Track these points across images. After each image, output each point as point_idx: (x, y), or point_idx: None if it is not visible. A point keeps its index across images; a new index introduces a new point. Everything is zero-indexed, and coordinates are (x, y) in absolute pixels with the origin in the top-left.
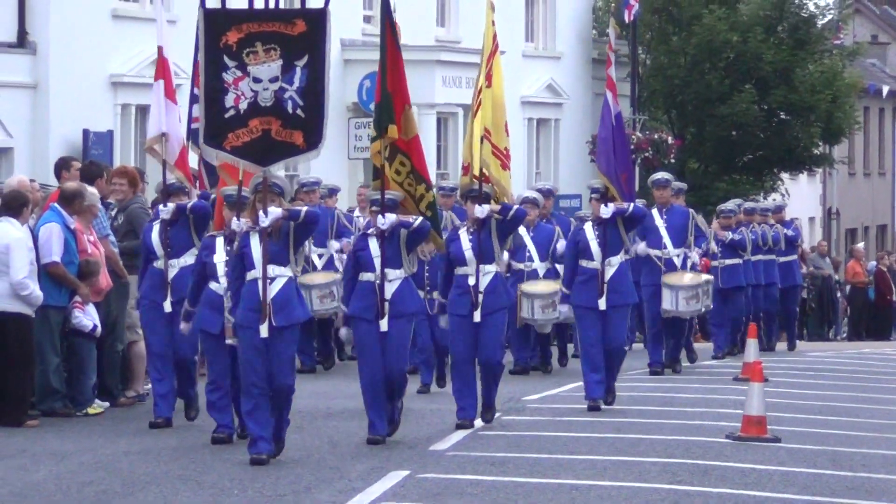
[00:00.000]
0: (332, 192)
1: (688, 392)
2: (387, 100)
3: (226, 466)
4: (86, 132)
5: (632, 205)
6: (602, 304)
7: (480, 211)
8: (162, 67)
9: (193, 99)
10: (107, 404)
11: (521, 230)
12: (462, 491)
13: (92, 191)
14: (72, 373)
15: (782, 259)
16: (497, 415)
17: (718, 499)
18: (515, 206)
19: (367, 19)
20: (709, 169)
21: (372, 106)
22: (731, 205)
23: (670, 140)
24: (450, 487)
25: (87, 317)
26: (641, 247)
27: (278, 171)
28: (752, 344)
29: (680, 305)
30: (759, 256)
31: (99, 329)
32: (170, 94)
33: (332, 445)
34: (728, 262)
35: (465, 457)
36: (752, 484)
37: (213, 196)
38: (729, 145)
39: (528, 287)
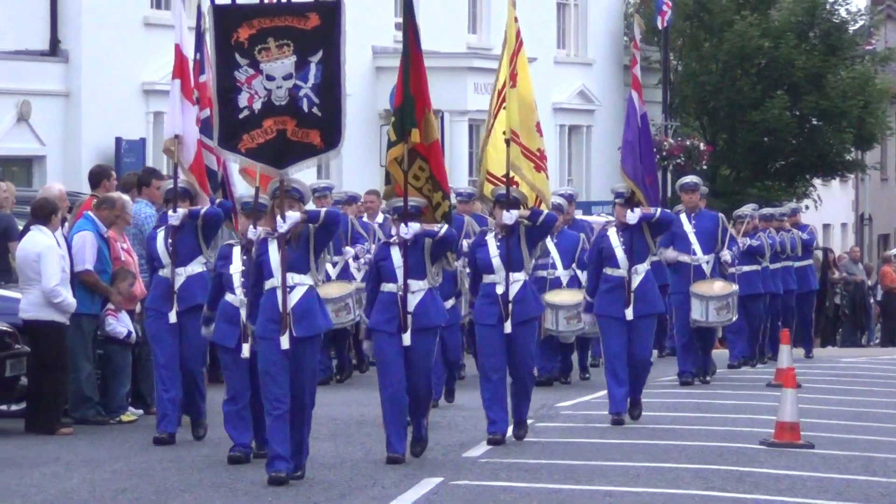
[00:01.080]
0: (352, 199)
1: (721, 398)
2: (409, 103)
3: (259, 474)
4: (118, 140)
5: (659, 209)
6: (629, 313)
7: (508, 217)
8: (179, 66)
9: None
10: (140, 412)
11: None
12: (495, 498)
13: (125, 199)
14: (105, 380)
15: (798, 264)
16: (530, 421)
17: None
18: (546, 212)
19: (398, 26)
20: (741, 175)
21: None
22: (746, 209)
23: (702, 146)
24: (483, 494)
25: (121, 324)
26: (671, 253)
27: (295, 173)
28: (785, 350)
29: (710, 316)
30: (778, 264)
31: (134, 336)
32: (187, 94)
33: (365, 452)
34: (746, 268)
35: (498, 463)
36: (785, 490)
37: (217, 202)
38: (761, 151)
39: (552, 297)
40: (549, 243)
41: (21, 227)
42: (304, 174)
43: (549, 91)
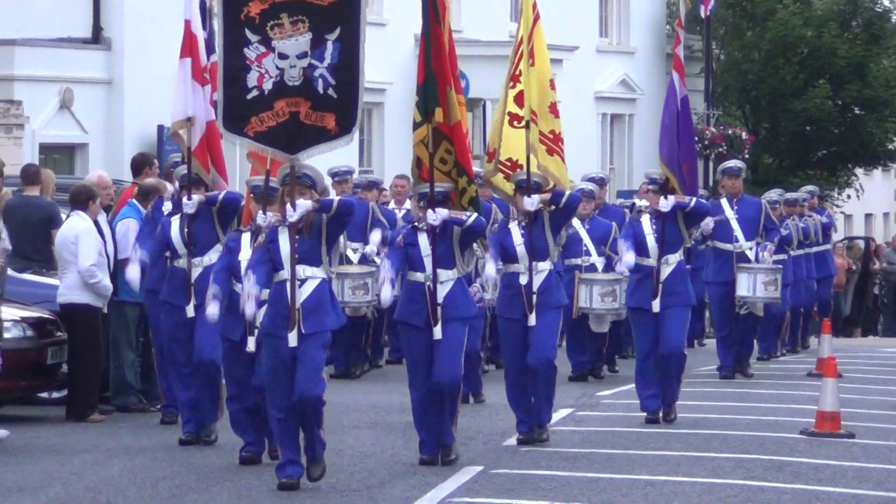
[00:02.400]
0: (373, 184)
1: (761, 388)
2: (431, 80)
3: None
4: (160, 127)
5: (694, 199)
6: (656, 305)
7: (530, 203)
8: (189, 44)
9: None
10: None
11: (576, 223)
12: (535, 486)
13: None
14: (147, 368)
15: (816, 249)
16: (571, 410)
17: (792, 494)
18: (567, 192)
19: None
20: (783, 164)
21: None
22: (773, 195)
23: (744, 135)
24: (523, 483)
25: None
26: (709, 222)
27: (307, 159)
28: (825, 339)
29: (758, 290)
30: (800, 251)
31: None
32: (197, 73)
33: (405, 440)
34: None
35: (538, 452)
36: (826, 480)
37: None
38: (803, 141)
39: (587, 274)
40: (581, 230)
41: (65, 216)
42: (325, 157)
43: (591, 80)
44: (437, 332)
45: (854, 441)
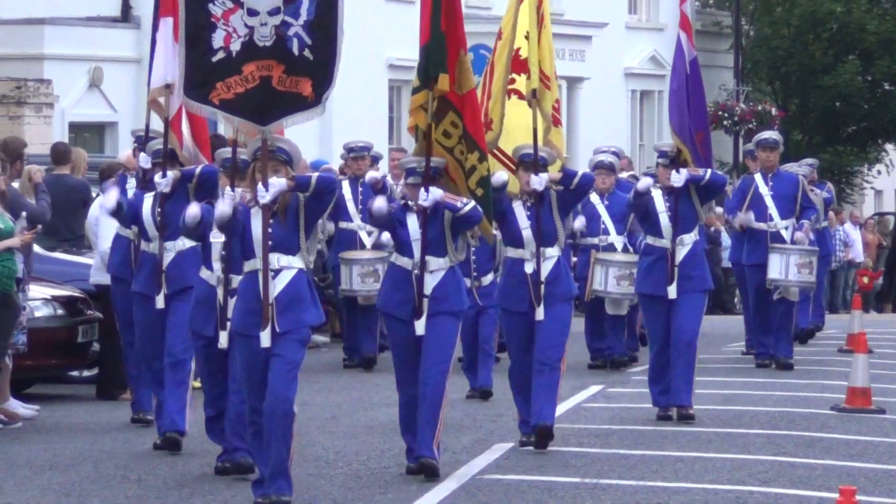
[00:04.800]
0: (375, 159)
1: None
2: (438, 42)
3: (330, 440)
4: None
5: (709, 171)
6: (672, 291)
7: (538, 182)
8: (172, 2)
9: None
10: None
11: (595, 199)
12: (566, 463)
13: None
14: None
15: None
16: (601, 387)
17: (823, 470)
18: (581, 172)
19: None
20: (812, 140)
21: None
22: (804, 168)
23: (774, 111)
24: (554, 459)
25: None
26: (744, 216)
27: (288, 127)
28: (856, 315)
29: (791, 273)
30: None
31: None
32: (178, 35)
33: None
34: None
35: (569, 429)
36: (856, 455)
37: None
38: (833, 116)
39: (604, 254)
40: (600, 206)
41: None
42: (348, 131)
43: (620, 56)
44: (420, 327)
45: (885, 417)
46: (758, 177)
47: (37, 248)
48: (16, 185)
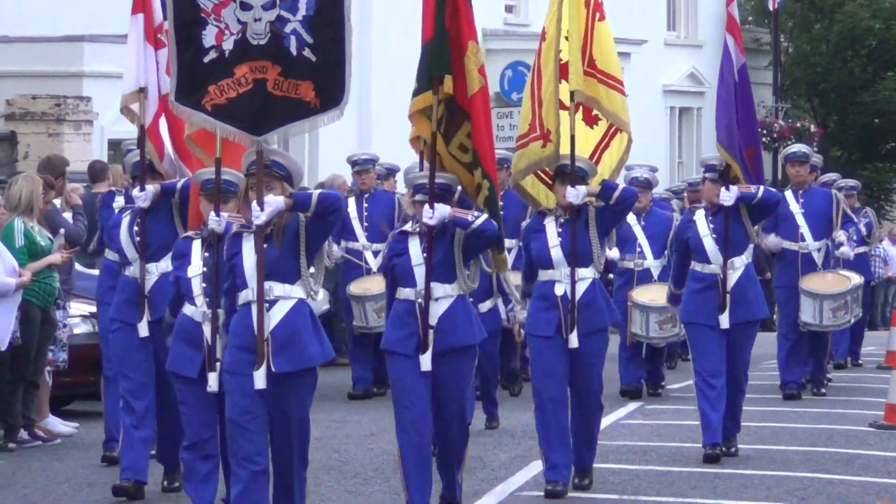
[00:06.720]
0: (392, 172)
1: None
2: (441, 39)
3: (369, 457)
4: None
5: (762, 188)
6: (724, 320)
7: (574, 194)
8: None
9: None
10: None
11: (631, 219)
12: (604, 480)
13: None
14: None
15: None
16: (640, 403)
17: (861, 487)
18: (622, 186)
19: (508, 9)
20: (852, 157)
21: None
22: (842, 181)
23: (813, 128)
24: (592, 476)
25: None
26: (774, 240)
27: (273, 143)
28: (895, 332)
29: (825, 319)
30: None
31: None
32: (150, 34)
33: (473, 434)
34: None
35: (607, 446)
36: (894, 472)
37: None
38: (872, 133)
39: (641, 296)
40: (636, 226)
41: None
42: (346, 143)
43: (658, 73)
44: (426, 363)
45: None
46: (788, 194)
47: (77, 266)
48: (58, 202)
